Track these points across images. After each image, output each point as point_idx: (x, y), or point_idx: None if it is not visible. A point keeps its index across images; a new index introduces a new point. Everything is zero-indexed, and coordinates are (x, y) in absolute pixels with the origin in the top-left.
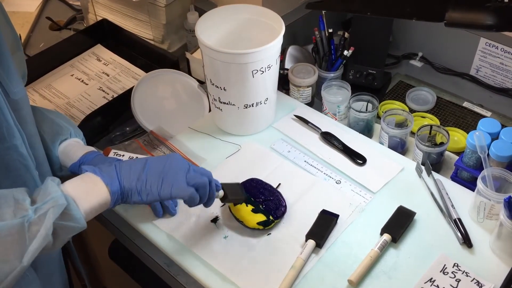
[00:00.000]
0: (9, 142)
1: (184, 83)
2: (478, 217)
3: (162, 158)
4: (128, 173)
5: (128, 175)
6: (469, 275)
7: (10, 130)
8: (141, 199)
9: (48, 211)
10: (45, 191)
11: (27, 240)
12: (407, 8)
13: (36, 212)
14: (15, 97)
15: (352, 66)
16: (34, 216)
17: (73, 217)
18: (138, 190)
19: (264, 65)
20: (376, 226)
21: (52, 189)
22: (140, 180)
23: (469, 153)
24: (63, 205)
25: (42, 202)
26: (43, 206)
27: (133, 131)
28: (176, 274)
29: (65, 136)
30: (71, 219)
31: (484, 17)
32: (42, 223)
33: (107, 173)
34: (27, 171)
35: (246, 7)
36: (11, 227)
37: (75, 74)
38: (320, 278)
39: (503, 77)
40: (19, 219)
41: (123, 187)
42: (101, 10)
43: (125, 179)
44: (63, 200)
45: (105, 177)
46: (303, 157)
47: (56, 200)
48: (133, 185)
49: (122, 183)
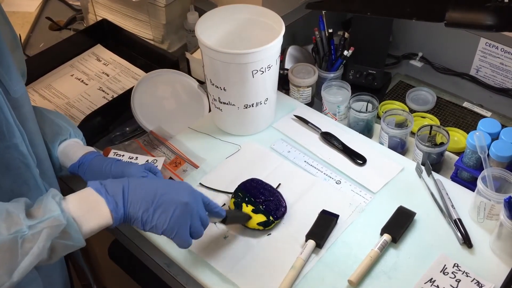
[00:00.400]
0: (9, 141)
1: (184, 83)
2: (478, 217)
3: (173, 190)
4: (136, 202)
5: (135, 204)
6: (469, 275)
7: (10, 128)
8: (143, 229)
9: (43, 230)
10: (45, 207)
11: (19, 256)
12: (407, 8)
13: (31, 229)
14: (16, 95)
15: (352, 66)
16: (28, 233)
17: (71, 236)
18: (143, 221)
19: (264, 65)
20: (376, 226)
21: (53, 207)
22: (147, 212)
23: (469, 153)
24: (62, 225)
25: (39, 220)
26: (38, 224)
27: (133, 131)
28: (176, 274)
29: (64, 136)
30: (70, 238)
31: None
32: (36, 241)
33: (114, 195)
34: (27, 169)
35: (246, 7)
36: (3, 242)
37: (75, 74)
38: (320, 278)
39: (503, 77)
40: (12, 234)
41: (127, 214)
42: (101, 10)
43: (131, 207)
44: (62, 220)
45: (110, 202)
46: (303, 157)
47: (54, 220)
48: (138, 215)
49: (127, 211)
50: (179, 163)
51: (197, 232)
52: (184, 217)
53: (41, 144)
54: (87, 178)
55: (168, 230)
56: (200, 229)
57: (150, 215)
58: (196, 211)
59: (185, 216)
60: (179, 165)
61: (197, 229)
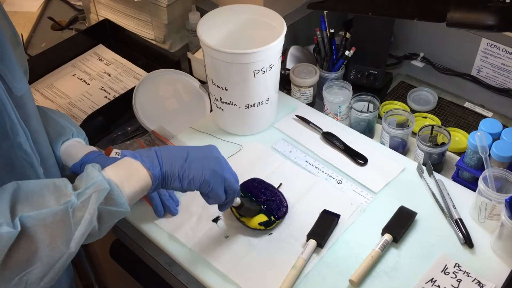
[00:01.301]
0: (12, 140)
1: (185, 83)
2: (479, 217)
3: (203, 148)
4: (169, 158)
5: (170, 160)
6: (470, 275)
7: (14, 128)
8: (181, 186)
9: (91, 195)
10: (87, 177)
11: (72, 226)
12: (408, 8)
13: (79, 198)
14: (19, 93)
15: (354, 66)
16: (77, 202)
17: (116, 202)
18: (180, 176)
19: (266, 65)
20: (377, 226)
21: (94, 174)
22: (182, 168)
23: (470, 153)
24: (106, 190)
25: (85, 187)
26: (85, 191)
27: (134, 131)
28: (177, 273)
29: (67, 136)
30: (115, 204)
31: (486, 17)
32: (86, 208)
33: (148, 157)
34: (31, 168)
35: (247, 7)
36: (55, 214)
37: (76, 74)
38: (321, 278)
39: (505, 77)
40: (62, 205)
41: (164, 172)
42: (103, 10)
43: (167, 164)
44: (106, 184)
45: (146, 162)
46: (304, 157)
47: (99, 185)
48: (175, 171)
49: (164, 168)
50: None
51: (232, 186)
52: (217, 170)
53: (45, 142)
54: None
55: (205, 183)
56: (234, 184)
57: (186, 170)
58: (227, 166)
59: (218, 168)
60: None
61: (232, 183)
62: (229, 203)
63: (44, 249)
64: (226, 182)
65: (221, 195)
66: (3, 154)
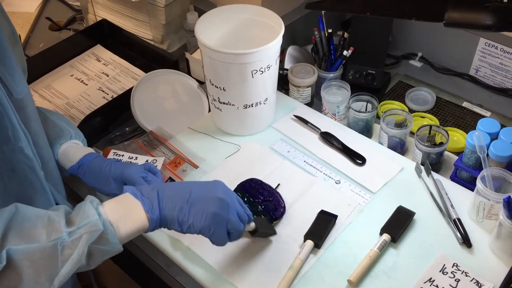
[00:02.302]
0: (14, 145)
1: (183, 83)
2: (478, 217)
3: (207, 188)
4: (171, 202)
5: (170, 204)
6: (468, 275)
7: (16, 132)
8: (180, 229)
9: (83, 236)
10: (82, 214)
11: (59, 263)
12: (406, 8)
13: (71, 236)
14: (19, 96)
15: (352, 66)
16: (68, 239)
17: (109, 241)
18: (179, 221)
19: (264, 65)
20: (375, 226)
21: (90, 212)
22: (182, 211)
23: (469, 153)
24: (100, 231)
25: (78, 226)
26: (78, 230)
27: (132, 131)
28: (175, 274)
29: (65, 139)
30: (107, 243)
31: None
32: (75, 247)
33: (149, 198)
34: (32, 172)
35: (245, 7)
36: (44, 249)
37: (74, 75)
38: (320, 278)
39: (503, 77)
40: (52, 241)
41: (164, 216)
42: (101, 10)
43: (166, 207)
44: (100, 225)
45: (145, 203)
46: (302, 157)
47: (93, 225)
48: (174, 215)
49: (163, 212)
50: (178, 163)
51: (236, 228)
52: (220, 214)
53: (45, 144)
54: (87, 180)
55: (205, 228)
56: (238, 225)
57: (186, 214)
58: (232, 207)
59: (221, 212)
60: (178, 165)
61: (235, 225)
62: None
63: (28, 283)
64: (230, 224)
65: (223, 238)
66: (5, 159)
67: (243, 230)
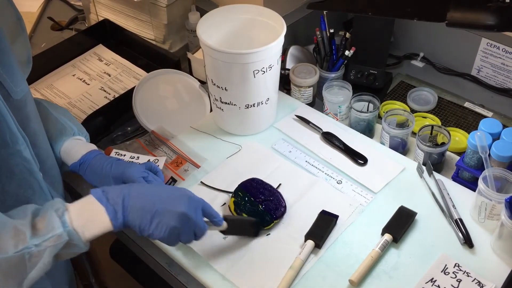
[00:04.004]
0: (12, 148)
1: (185, 83)
2: (479, 217)
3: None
4: (135, 211)
5: (134, 213)
6: (470, 275)
7: (13, 136)
8: (140, 234)
9: (47, 249)
10: (48, 225)
11: (27, 269)
12: (408, 8)
13: (37, 247)
14: (18, 96)
15: (353, 66)
16: (34, 250)
17: (75, 246)
18: (140, 229)
19: (266, 65)
20: (377, 226)
21: (55, 224)
22: (143, 222)
23: (470, 153)
24: (64, 241)
25: (43, 239)
26: (43, 243)
27: (134, 131)
28: (176, 273)
29: (68, 136)
30: (73, 247)
31: (486, 17)
32: (41, 255)
33: (114, 204)
34: (31, 175)
35: (247, 7)
36: (11, 260)
37: (76, 74)
38: (321, 278)
39: (505, 77)
40: (20, 252)
41: (126, 222)
42: (103, 10)
43: (130, 216)
44: (65, 236)
45: (109, 210)
46: (304, 157)
47: (58, 237)
48: (136, 223)
49: (126, 219)
50: (180, 162)
51: (187, 240)
52: (178, 228)
53: (44, 143)
54: (88, 178)
55: (162, 239)
56: (190, 238)
57: (147, 225)
58: (193, 221)
59: (180, 226)
60: (180, 164)
61: (188, 238)
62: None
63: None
64: (183, 236)
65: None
66: (3, 162)
67: (206, 229)
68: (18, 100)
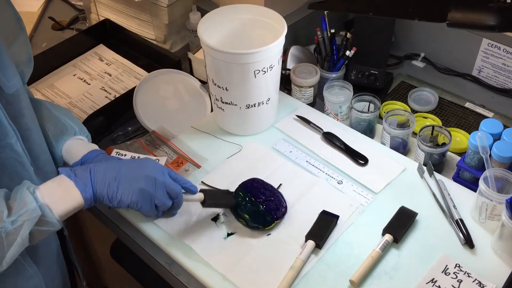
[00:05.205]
0: (3, 141)
1: (186, 83)
2: (480, 217)
3: (136, 166)
4: (101, 180)
5: (101, 183)
6: (471, 276)
7: (4, 129)
8: (112, 205)
9: (24, 223)
10: (20, 201)
11: (5, 248)
12: (409, 8)
13: (13, 224)
14: (10, 91)
15: (354, 67)
16: (10, 227)
17: (48, 222)
18: (109, 198)
19: (266, 65)
20: (377, 226)
21: (27, 200)
22: (111, 189)
23: (471, 153)
24: (38, 216)
25: (18, 214)
26: (18, 218)
27: (135, 131)
28: (177, 273)
29: (69, 136)
30: (47, 224)
31: (487, 17)
32: (18, 232)
33: (82, 178)
34: (22, 168)
35: (248, 7)
36: None
37: (77, 74)
38: (322, 278)
39: (506, 77)
40: None
41: (95, 193)
42: (104, 10)
43: (97, 185)
44: (38, 211)
45: (79, 183)
46: (305, 157)
47: (32, 212)
48: (104, 192)
49: (95, 189)
50: (181, 162)
51: (162, 202)
52: (146, 190)
53: (38, 139)
54: None
55: (133, 204)
56: (164, 200)
57: (115, 191)
58: (160, 182)
59: (147, 188)
60: (181, 164)
61: (162, 200)
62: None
63: None
64: (156, 199)
65: (150, 211)
66: None
67: (170, 204)
68: (10, 95)
